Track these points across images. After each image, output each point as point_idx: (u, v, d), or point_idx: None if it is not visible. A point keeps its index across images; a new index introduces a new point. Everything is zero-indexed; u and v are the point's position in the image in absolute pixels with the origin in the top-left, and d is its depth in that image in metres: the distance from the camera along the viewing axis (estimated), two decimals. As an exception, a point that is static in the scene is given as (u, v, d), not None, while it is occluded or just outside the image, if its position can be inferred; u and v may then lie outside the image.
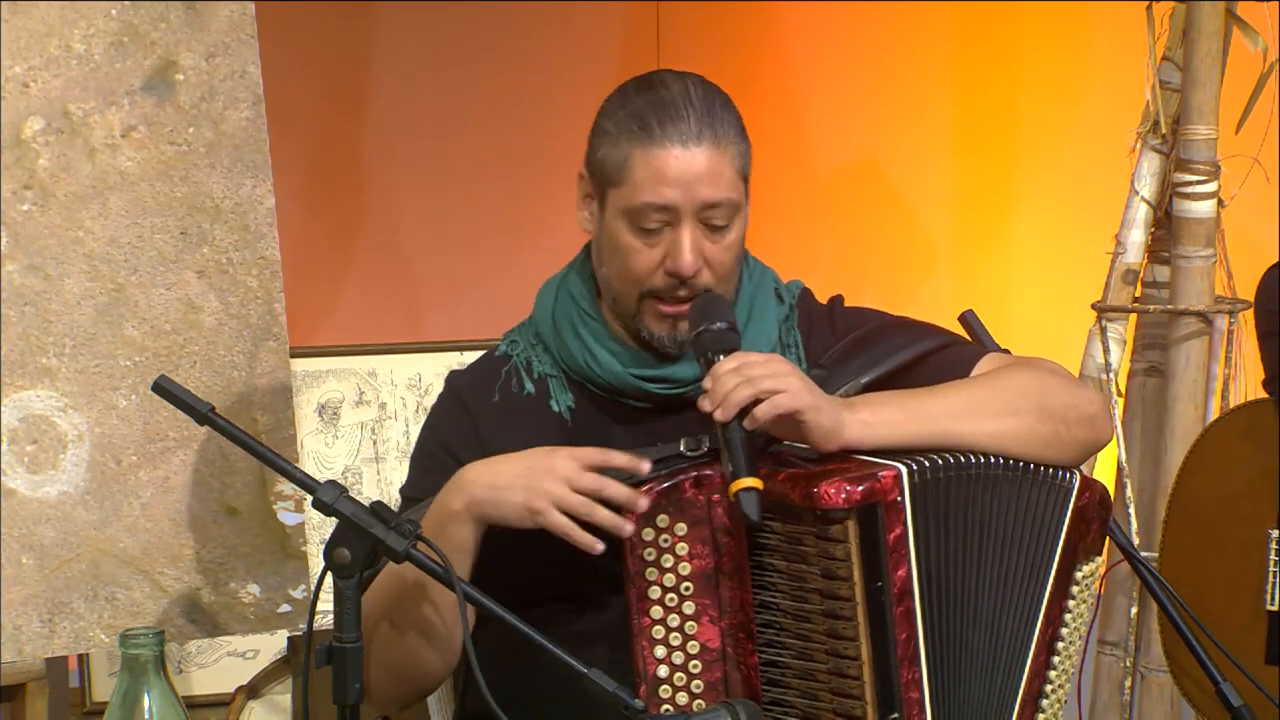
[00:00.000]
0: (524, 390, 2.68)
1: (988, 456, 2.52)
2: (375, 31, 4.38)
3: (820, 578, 2.43)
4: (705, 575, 2.49)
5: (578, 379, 2.67)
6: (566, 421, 2.66)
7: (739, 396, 2.44)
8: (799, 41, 4.63)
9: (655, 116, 2.58)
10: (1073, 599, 2.59)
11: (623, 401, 2.66)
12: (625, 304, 2.63)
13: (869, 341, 2.69)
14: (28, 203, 3.12)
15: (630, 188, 2.58)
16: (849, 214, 4.66)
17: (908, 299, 4.56)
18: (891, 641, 2.43)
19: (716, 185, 2.57)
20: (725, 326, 2.54)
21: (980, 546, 2.51)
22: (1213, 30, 3.89)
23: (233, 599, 3.23)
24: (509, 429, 2.64)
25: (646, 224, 2.58)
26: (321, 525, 3.38)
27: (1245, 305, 3.92)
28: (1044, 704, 2.58)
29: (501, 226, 4.44)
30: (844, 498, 2.40)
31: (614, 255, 2.62)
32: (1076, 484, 2.58)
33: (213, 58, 3.19)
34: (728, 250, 2.60)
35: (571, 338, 2.66)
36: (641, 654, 2.48)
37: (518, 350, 2.71)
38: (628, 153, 2.58)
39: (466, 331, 4.14)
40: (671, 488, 2.49)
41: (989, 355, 2.71)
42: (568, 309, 2.68)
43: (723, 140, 2.58)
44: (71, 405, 3.14)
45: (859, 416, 2.50)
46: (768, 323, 2.70)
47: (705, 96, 2.60)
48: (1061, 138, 4.62)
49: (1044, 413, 2.57)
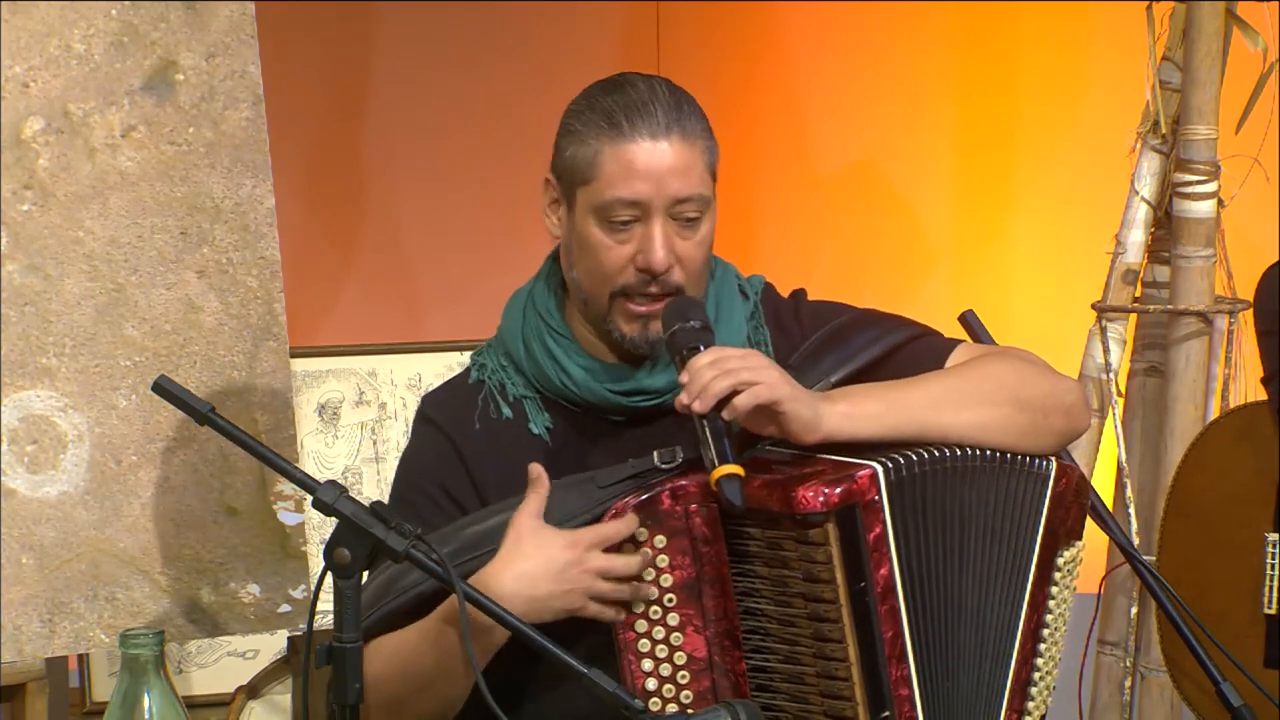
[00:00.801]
0: (501, 415, 2.67)
1: (963, 449, 2.52)
2: (375, 31, 4.38)
3: (803, 581, 2.43)
4: (688, 585, 2.48)
5: (553, 397, 2.66)
6: (548, 443, 2.64)
7: (717, 387, 2.44)
8: (799, 41, 4.63)
9: (624, 113, 2.58)
10: (1056, 585, 2.59)
11: (597, 417, 2.65)
12: (596, 306, 2.61)
13: (838, 338, 2.68)
14: (28, 203, 3.12)
15: (600, 184, 2.57)
16: (849, 214, 4.66)
17: (908, 299, 4.56)
18: (878, 641, 2.43)
19: (687, 179, 2.57)
20: (699, 324, 2.53)
21: (961, 539, 2.51)
22: (1213, 30, 3.89)
23: (233, 599, 3.23)
24: (492, 456, 2.63)
25: (617, 218, 2.57)
26: (321, 525, 3.38)
27: (1245, 305, 3.92)
28: (1033, 691, 2.59)
29: (501, 226, 4.44)
30: (821, 501, 2.39)
31: (584, 255, 2.61)
32: (1053, 471, 2.58)
33: (213, 58, 3.19)
34: (698, 247, 2.60)
35: (544, 356, 2.65)
36: (629, 668, 2.48)
37: (488, 374, 2.69)
38: (597, 149, 2.58)
39: (466, 331, 4.14)
40: (649, 500, 2.48)
41: (962, 346, 2.71)
42: (537, 327, 2.67)
43: (691, 135, 2.58)
44: (71, 405, 3.14)
45: (838, 409, 2.50)
46: (736, 320, 2.69)
47: (672, 94, 2.60)
48: (1061, 138, 4.62)
49: (1022, 402, 2.57)
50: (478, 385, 2.70)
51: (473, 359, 2.74)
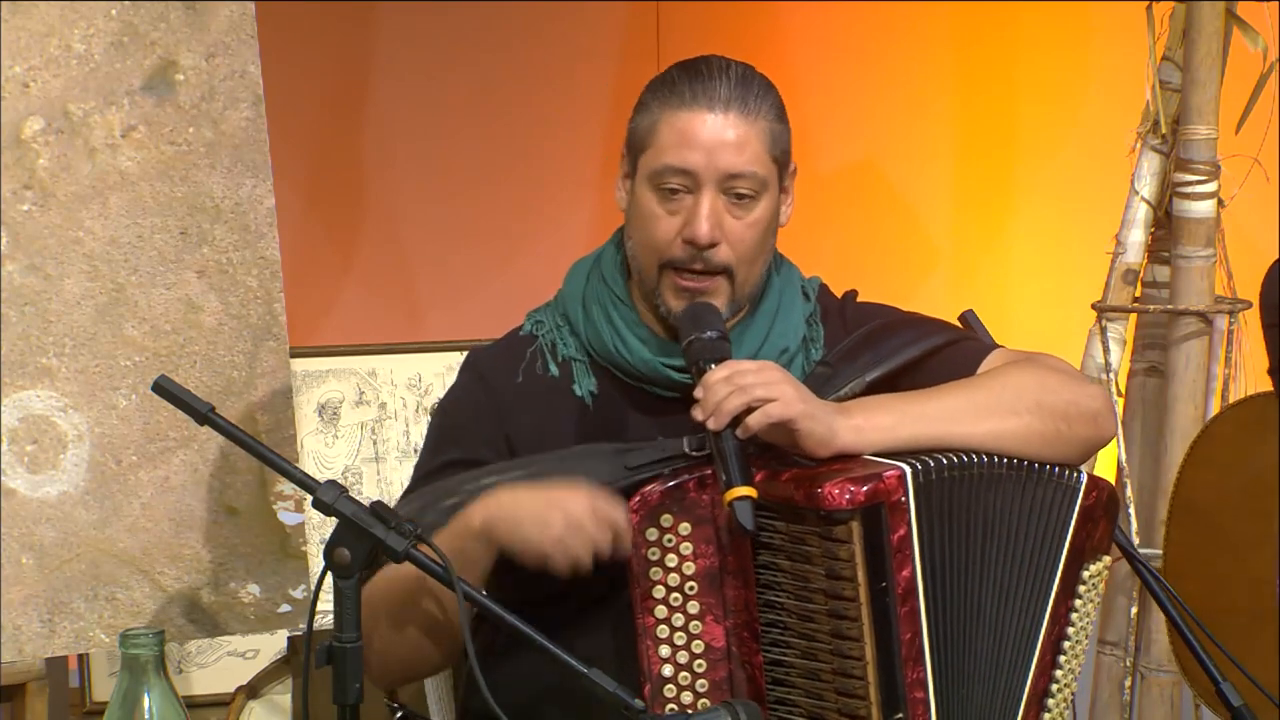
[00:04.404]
0: (548, 372, 2.68)
1: (992, 455, 2.51)
2: (375, 32, 4.37)
3: (825, 578, 2.43)
4: (710, 575, 2.49)
5: (603, 364, 2.67)
6: (588, 407, 2.65)
7: (731, 405, 2.43)
8: (799, 41, 4.63)
9: (688, 84, 2.59)
10: (1079, 599, 2.58)
11: (647, 389, 2.65)
12: (648, 278, 2.62)
13: (875, 339, 2.68)
14: (28, 203, 3.12)
15: (655, 150, 2.59)
16: (849, 214, 4.66)
17: (908, 299, 4.54)
18: (896, 642, 2.43)
19: (741, 154, 2.57)
20: (716, 335, 2.53)
21: (984, 546, 2.51)
22: (1213, 30, 3.89)
23: (233, 599, 3.23)
24: (530, 411, 2.65)
25: (667, 185, 2.57)
26: (321, 525, 3.38)
27: (1245, 305, 3.92)
28: (1049, 704, 2.58)
29: (501, 226, 4.43)
30: (848, 498, 2.39)
31: (638, 224, 2.62)
32: (1083, 484, 2.57)
33: (213, 58, 3.19)
34: (751, 228, 2.59)
35: (603, 322, 2.66)
36: (646, 654, 2.48)
37: (543, 330, 2.71)
38: (657, 116, 2.59)
39: (466, 331, 4.14)
40: (675, 487, 2.49)
41: (995, 352, 2.70)
42: (599, 292, 2.68)
43: (753, 113, 2.58)
44: (71, 405, 3.14)
45: (851, 422, 2.49)
46: (795, 318, 2.69)
47: (744, 74, 2.61)
48: (1061, 138, 4.62)
49: (1043, 411, 2.56)
50: (529, 339, 2.71)
51: (529, 315, 2.75)
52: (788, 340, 2.66)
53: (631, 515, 2.47)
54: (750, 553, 2.48)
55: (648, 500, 2.48)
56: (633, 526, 2.47)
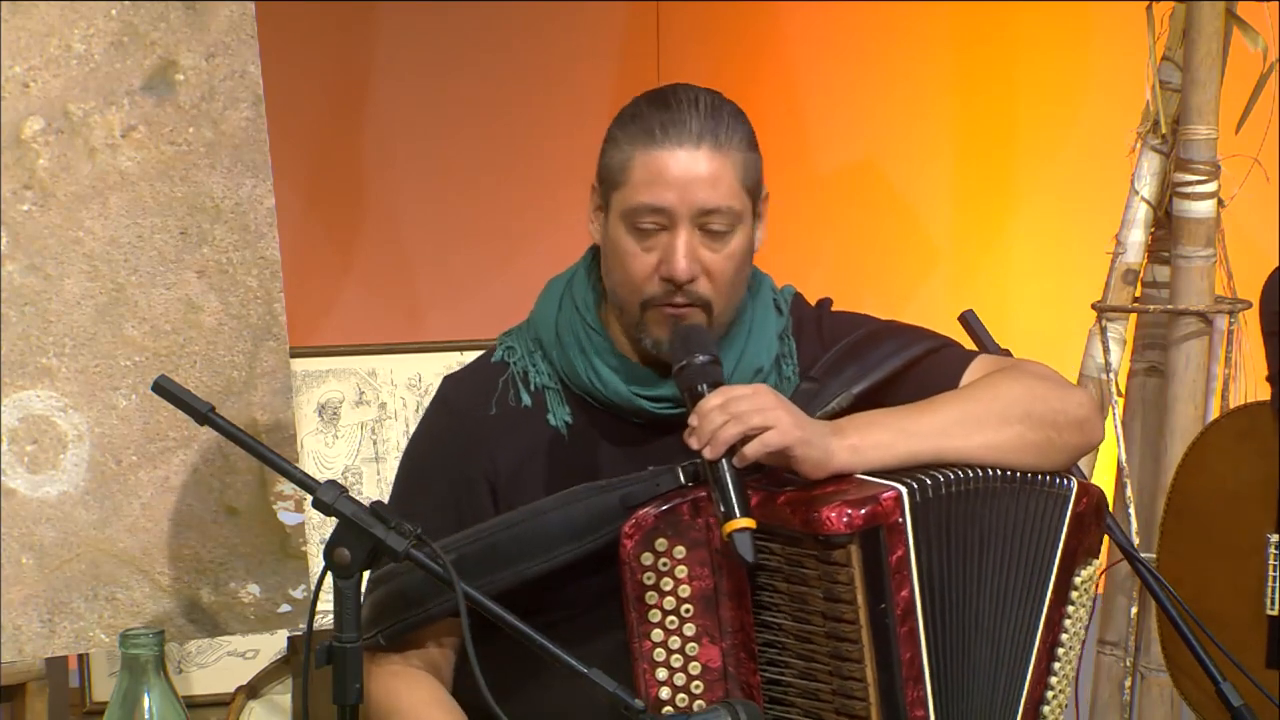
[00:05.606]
0: (521, 403, 2.67)
1: (985, 470, 2.51)
2: (375, 32, 4.38)
3: (823, 600, 2.42)
4: (705, 597, 2.48)
5: (577, 392, 2.65)
6: (563, 437, 2.64)
7: (727, 435, 2.42)
8: (799, 41, 4.63)
9: (658, 120, 2.57)
10: (1072, 604, 2.58)
11: (621, 418, 2.65)
12: (629, 314, 2.61)
13: (858, 350, 2.67)
14: (28, 203, 3.12)
15: (629, 189, 2.57)
16: (849, 214, 4.66)
17: (908, 299, 4.57)
18: (896, 662, 2.42)
19: (715, 190, 2.55)
20: (708, 360, 2.50)
21: (980, 560, 2.50)
22: (1213, 30, 3.89)
23: (233, 599, 3.23)
24: (505, 444, 2.63)
25: (643, 224, 2.56)
26: (321, 525, 3.38)
27: (1245, 305, 3.92)
28: (1045, 710, 2.58)
29: (501, 227, 4.44)
30: (846, 522, 2.38)
31: (615, 262, 2.60)
32: (1074, 491, 2.57)
33: (213, 58, 3.19)
34: (728, 260, 2.58)
35: (575, 350, 2.64)
36: (643, 676, 2.47)
37: (515, 358, 2.69)
38: (629, 154, 2.57)
39: (466, 331, 4.14)
40: (669, 511, 2.48)
41: (979, 359, 2.69)
42: (571, 320, 2.66)
43: (725, 146, 2.56)
44: (71, 405, 3.14)
45: (847, 442, 2.48)
46: (768, 337, 2.68)
47: (713, 105, 2.59)
48: (1061, 138, 4.62)
49: (1033, 420, 2.56)
50: (501, 366, 2.70)
51: (500, 339, 2.73)
52: (761, 360, 2.65)
53: (626, 540, 2.47)
54: (746, 574, 2.47)
55: (642, 524, 2.47)
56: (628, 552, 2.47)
